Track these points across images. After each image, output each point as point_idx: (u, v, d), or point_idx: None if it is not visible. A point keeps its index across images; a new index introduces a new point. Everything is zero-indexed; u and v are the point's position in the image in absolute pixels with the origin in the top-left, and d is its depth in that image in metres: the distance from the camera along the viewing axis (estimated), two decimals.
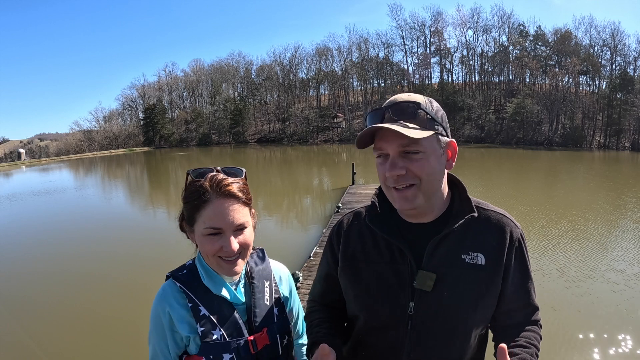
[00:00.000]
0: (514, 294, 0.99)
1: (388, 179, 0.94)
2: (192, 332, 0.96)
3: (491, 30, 53.42)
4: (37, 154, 66.01)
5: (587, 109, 44.71)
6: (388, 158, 0.94)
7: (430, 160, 0.92)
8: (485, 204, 1.04)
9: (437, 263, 0.96)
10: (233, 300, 1.02)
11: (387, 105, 0.96)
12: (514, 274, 0.98)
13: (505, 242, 0.97)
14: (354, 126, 56.84)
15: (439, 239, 0.96)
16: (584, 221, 10.09)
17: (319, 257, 6.26)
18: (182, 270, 1.04)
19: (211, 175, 0.96)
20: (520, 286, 0.99)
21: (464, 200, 1.01)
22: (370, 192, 12.60)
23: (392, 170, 0.92)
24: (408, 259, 0.98)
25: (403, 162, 0.91)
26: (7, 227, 12.34)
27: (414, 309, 0.97)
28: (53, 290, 6.77)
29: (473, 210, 0.98)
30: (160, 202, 17.18)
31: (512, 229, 0.99)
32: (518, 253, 0.99)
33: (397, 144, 0.91)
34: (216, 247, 0.94)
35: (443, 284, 0.95)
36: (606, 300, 5.50)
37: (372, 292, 1.02)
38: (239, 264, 0.98)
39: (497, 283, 0.96)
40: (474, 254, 0.95)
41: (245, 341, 0.99)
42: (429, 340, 0.97)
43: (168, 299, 0.98)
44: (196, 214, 0.96)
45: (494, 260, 0.96)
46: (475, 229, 0.98)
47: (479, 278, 0.95)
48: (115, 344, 4.91)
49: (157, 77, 71.25)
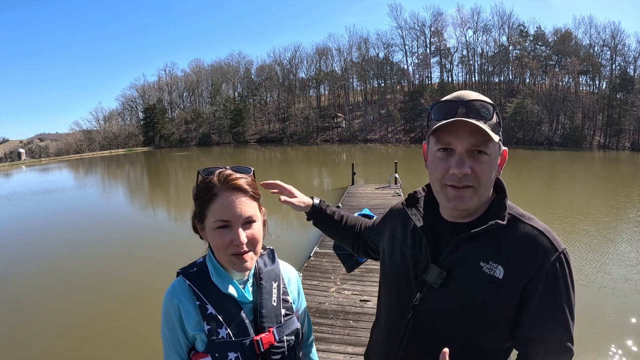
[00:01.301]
0: (534, 323, 0.88)
1: (450, 175, 0.90)
2: (199, 330, 0.98)
3: (491, 30, 53.50)
4: (37, 154, 66.02)
5: (587, 109, 44.72)
6: (452, 154, 0.90)
7: (492, 165, 0.91)
8: (530, 218, 0.94)
9: (453, 263, 0.94)
10: (240, 299, 1.03)
11: (460, 100, 0.92)
12: (539, 301, 0.87)
13: (533, 263, 0.87)
14: (353, 126, 56.88)
15: (462, 239, 0.93)
16: (575, 222, 10.09)
17: (319, 257, 6.27)
18: (192, 268, 1.06)
19: (219, 171, 1.01)
20: (544, 317, 0.87)
21: (501, 206, 0.96)
22: (370, 192, 12.64)
23: (461, 168, 0.88)
24: (427, 251, 0.99)
25: (470, 161, 0.89)
26: (6, 227, 12.34)
27: (419, 300, 0.99)
28: (52, 293, 6.75)
29: (503, 219, 0.91)
30: (160, 202, 17.19)
31: (548, 250, 0.87)
32: (550, 279, 0.86)
33: (469, 142, 0.88)
34: (226, 241, 0.96)
35: (452, 285, 0.93)
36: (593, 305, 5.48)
37: (396, 269, 1.09)
38: (249, 260, 0.99)
39: (510, 303, 0.88)
40: (494, 265, 0.89)
41: (251, 341, 1.00)
42: (425, 336, 0.96)
43: (178, 295, 1.01)
44: (206, 209, 0.99)
45: (514, 278, 0.87)
46: (503, 240, 0.91)
47: (491, 290, 0.89)
48: (115, 347, 4.91)
49: (157, 77, 71.29)
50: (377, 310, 1.21)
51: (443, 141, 0.91)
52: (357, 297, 4.75)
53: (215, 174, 1.00)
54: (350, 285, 5.15)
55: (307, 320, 1.27)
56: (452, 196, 0.91)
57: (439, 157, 0.93)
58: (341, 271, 5.64)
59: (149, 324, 5.21)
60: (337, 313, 4.40)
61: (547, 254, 0.87)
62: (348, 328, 4.07)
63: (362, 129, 56.28)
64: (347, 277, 5.42)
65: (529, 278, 0.86)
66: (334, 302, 4.69)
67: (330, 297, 4.84)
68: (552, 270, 0.86)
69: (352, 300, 4.70)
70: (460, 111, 0.90)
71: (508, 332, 0.92)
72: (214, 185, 0.98)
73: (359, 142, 52.45)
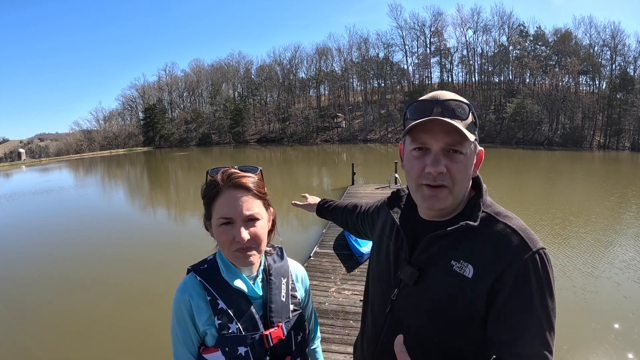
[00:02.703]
0: (501, 325, 0.83)
1: (425, 174, 0.90)
2: (209, 325, 1.00)
3: (491, 30, 53.50)
4: (37, 154, 65.98)
5: (587, 109, 44.72)
6: (428, 153, 0.90)
7: (468, 164, 0.92)
8: (505, 216, 0.92)
9: (425, 261, 0.95)
10: (250, 294, 1.05)
11: (435, 99, 0.92)
12: (506, 301, 0.82)
13: (502, 262, 0.83)
14: (354, 126, 56.87)
15: (434, 238, 0.94)
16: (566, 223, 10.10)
17: (319, 257, 6.27)
18: (203, 265, 1.08)
19: (224, 170, 1.04)
20: (512, 318, 0.82)
21: (476, 206, 0.95)
22: (370, 192, 12.64)
23: (436, 166, 0.87)
24: (406, 248, 1.00)
25: (445, 160, 0.89)
26: (6, 227, 12.34)
27: (396, 295, 1.02)
28: (52, 293, 6.75)
29: (475, 219, 0.90)
30: (160, 202, 17.19)
31: (520, 249, 0.84)
32: (520, 279, 0.81)
33: (444, 141, 0.88)
34: (229, 238, 0.99)
35: (424, 283, 0.95)
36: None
37: (381, 265, 1.11)
38: (252, 256, 1.01)
39: (479, 303, 0.86)
40: (464, 264, 0.88)
41: (261, 335, 1.01)
42: (401, 330, 0.95)
43: (189, 291, 1.03)
44: (211, 206, 1.02)
45: (483, 277, 0.85)
46: (475, 238, 0.90)
47: (460, 289, 0.87)
48: (115, 347, 4.91)
49: (157, 77, 71.22)
50: (364, 303, 1.24)
51: (418, 140, 0.91)
52: (357, 297, 4.75)
53: (219, 173, 1.03)
54: (350, 285, 5.15)
55: (314, 317, 1.29)
56: (427, 196, 0.91)
57: (415, 156, 0.93)
58: (341, 271, 5.65)
59: (149, 324, 5.22)
60: (337, 313, 4.40)
61: (518, 253, 0.83)
62: (348, 328, 4.07)
63: (362, 129, 56.27)
64: (347, 277, 5.42)
65: (497, 277, 0.83)
66: (334, 302, 4.70)
67: (330, 297, 4.84)
68: (523, 269, 0.82)
69: (352, 300, 4.70)
70: (435, 110, 0.90)
71: (480, 333, 0.88)
72: (217, 183, 1.01)
73: (359, 142, 52.44)
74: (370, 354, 1.11)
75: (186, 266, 1.09)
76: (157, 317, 5.04)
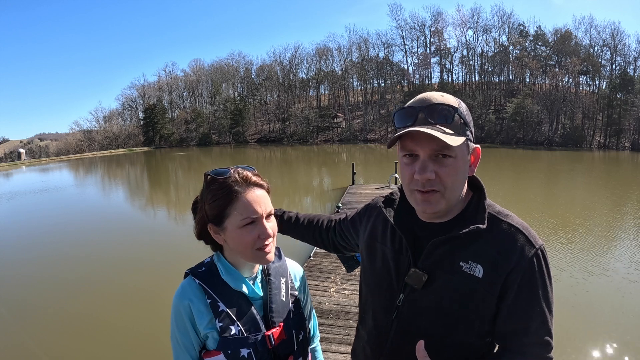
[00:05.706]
0: (512, 316, 0.90)
1: (415, 181, 0.91)
2: (210, 328, 0.99)
3: (491, 30, 53.52)
4: (37, 154, 65.95)
5: (587, 109, 44.72)
6: (417, 159, 0.91)
7: (459, 167, 0.91)
8: (507, 215, 0.96)
9: (433, 264, 0.95)
10: (251, 295, 1.04)
11: (421, 105, 0.92)
12: (517, 295, 0.89)
13: (511, 260, 0.89)
14: (354, 126, 56.87)
15: (440, 241, 0.94)
16: (566, 223, 10.10)
17: (319, 257, 6.27)
18: (200, 268, 1.07)
19: (237, 171, 1.02)
20: (521, 310, 0.89)
21: (480, 207, 0.96)
22: (370, 192, 12.64)
23: (423, 174, 0.89)
24: (408, 253, 1.00)
25: (433, 165, 0.89)
26: (7, 227, 12.33)
27: (402, 301, 1.00)
28: (52, 293, 6.76)
29: (483, 221, 0.93)
30: (160, 202, 17.18)
31: (525, 247, 0.89)
32: (527, 274, 0.88)
33: (430, 147, 0.88)
34: (254, 236, 0.99)
35: (433, 286, 0.95)
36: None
37: (378, 271, 1.09)
38: (271, 252, 1.03)
39: (490, 301, 0.90)
40: (473, 264, 0.91)
41: (263, 336, 1.01)
42: (410, 335, 0.98)
43: (188, 295, 1.01)
44: (228, 208, 0.99)
45: (492, 276, 0.89)
46: (481, 239, 0.92)
47: (472, 289, 0.90)
48: (115, 346, 4.91)
49: (157, 77, 71.32)
50: (360, 310, 1.22)
51: (406, 148, 0.92)
52: (357, 297, 4.74)
53: (232, 173, 1.01)
54: (350, 285, 5.15)
55: (313, 316, 1.30)
56: (420, 200, 0.93)
57: (405, 163, 0.94)
58: (341, 271, 5.65)
59: (150, 324, 5.22)
60: (337, 313, 4.41)
61: (524, 251, 0.89)
62: (348, 328, 4.07)
63: (362, 129, 56.26)
64: (347, 277, 5.42)
65: (507, 274, 0.88)
66: (334, 302, 4.70)
67: (330, 297, 4.84)
68: (529, 266, 0.88)
69: (352, 300, 4.70)
70: (420, 116, 0.90)
71: (489, 328, 0.94)
72: (233, 184, 0.99)
73: (359, 142, 52.45)
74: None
75: (186, 266, 1.08)
76: (157, 317, 5.04)
